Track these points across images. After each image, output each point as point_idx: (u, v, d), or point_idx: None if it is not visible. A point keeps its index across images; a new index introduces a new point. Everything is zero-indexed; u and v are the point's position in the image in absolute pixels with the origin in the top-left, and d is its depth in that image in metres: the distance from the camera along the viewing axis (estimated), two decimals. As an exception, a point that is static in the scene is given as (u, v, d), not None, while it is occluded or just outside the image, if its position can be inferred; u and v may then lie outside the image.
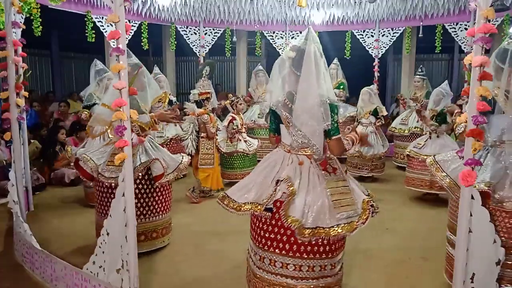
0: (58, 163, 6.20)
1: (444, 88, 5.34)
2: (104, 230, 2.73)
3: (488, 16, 2.19)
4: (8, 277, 3.33)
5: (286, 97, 2.45)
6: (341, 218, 2.33)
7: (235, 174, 6.05)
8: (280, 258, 2.41)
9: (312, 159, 2.46)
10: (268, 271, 2.45)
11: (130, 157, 2.54)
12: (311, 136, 2.38)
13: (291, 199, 2.34)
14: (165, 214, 3.76)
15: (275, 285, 2.44)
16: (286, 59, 2.46)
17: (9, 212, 4.07)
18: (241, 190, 2.54)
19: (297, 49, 2.42)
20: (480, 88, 2.22)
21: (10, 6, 3.68)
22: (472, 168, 2.30)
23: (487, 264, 2.37)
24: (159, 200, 3.68)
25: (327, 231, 2.30)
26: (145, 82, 3.61)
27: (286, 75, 2.47)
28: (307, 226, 2.30)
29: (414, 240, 4.07)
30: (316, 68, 2.38)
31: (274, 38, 9.04)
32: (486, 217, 2.35)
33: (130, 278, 2.58)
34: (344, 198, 2.40)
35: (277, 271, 2.42)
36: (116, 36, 2.44)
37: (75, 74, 13.74)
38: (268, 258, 2.44)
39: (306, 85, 2.36)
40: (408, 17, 8.29)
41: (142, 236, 3.55)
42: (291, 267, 2.39)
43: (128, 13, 7.47)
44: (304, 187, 2.39)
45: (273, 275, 2.43)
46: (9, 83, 3.67)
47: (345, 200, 2.39)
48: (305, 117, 2.37)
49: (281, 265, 2.41)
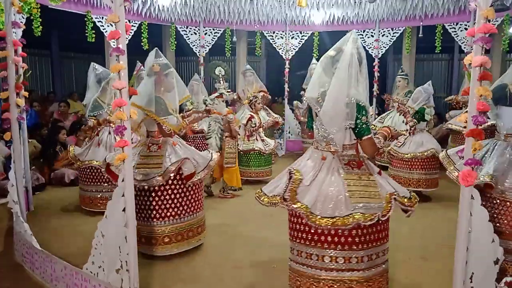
0: (58, 163, 6.20)
1: (424, 87, 5.49)
2: (98, 231, 2.72)
3: (488, 16, 2.19)
4: (8, 277, 3.33)
5: (320, 94, 2.54)
6: (356, 207, 2.38)
7: (250, 172, 6.20)
8: (323, 252, 2.47)
9: (335, 155, 2.54)
10: (315, 266, 2.51)
11: (130, 157, 2.54)
12: (332, 132, 2.47)
13: (296, 187, 2.46)
14: (199, 213, 3.77)
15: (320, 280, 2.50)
16: (327, 57, 2.56)
17: (9, 212, 4.07)
18: (271, 185, 2.69)
19: (337, 49, 2.54)
20: (480, 88, 2.22)
21: (10, 6, 3.68)
22: (472, 168, 2.30)
23: (486, 264, 2.37)
24: (192, 199, 3.67)
25: (343, 220, 2.36)
26: (173, 82, 3.62)
27: (323, 73, 2.56)
28: (324, 216, 2.38)
29: (414, 240, 4.06)
30: (350, 69, 2.45)
31: (274, 38, 9.03)
32: (485, 217, 2.35)
33: (130, 278, 2.58)
34: (365, 190, 2.45)
35: (324, 265, 2.48)
36: (116, 36, 2.44)
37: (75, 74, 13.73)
38: (315, 254, 2.50)
39: (337, 84, 2.46)
40: (408, 17, 8.29)
41: (179, 236, 3.58)
42: (327, 258, 2.46)
43: (128, 13, 7.47)
44: (321, 178, 2.49)
45: (320, 269, 2.50)
46: (9, 83, 3.67)
47: (366, 192, 2.44)
48: (330, 113, 2.47)
49: (330, 259, 2.46)
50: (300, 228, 2.53)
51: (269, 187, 2.68)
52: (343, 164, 2.53)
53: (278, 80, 11.54)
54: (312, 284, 2.52)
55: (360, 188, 2.45)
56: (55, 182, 6.10)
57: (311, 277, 2.52)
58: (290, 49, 8.97)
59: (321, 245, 2.46)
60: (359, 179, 2.49)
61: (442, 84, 13.14)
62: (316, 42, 8.84)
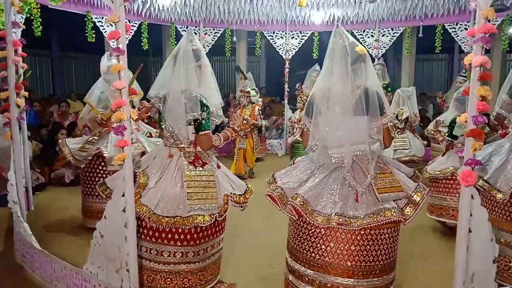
0: (58, 163, 6.20)
1: (402, 89, 5.81)
2: (97, 232, 2.72)
3: (488, 16, 2.18)
4: (8, 277, 3.33)
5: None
6: (193, 209, 2.54)
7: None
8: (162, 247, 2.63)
9: (182, 152, 2.69)
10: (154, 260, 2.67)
11: (130, 157, 2.54)
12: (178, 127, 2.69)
13: (141, 190, 2.61)
14: None
15: None
16: (171, 56, 2.80)
17: (9, 212, 4.07)
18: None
19: (176, 49, 2.79)
20: (480, 88, 2.22)
21: (10, 6, 3.68)
22: (472, 168, 2.30)
23: (486, 263, 2.37)
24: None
25: (183, 220, 2.52)
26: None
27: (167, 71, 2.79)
28: (166, 215, 2.53)
29: (414, 240, 4.07)
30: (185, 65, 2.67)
31: (274, 38, 9.03)
32: (485, 217, 2.35)
33: (130, 278, 2.57)
34: (203, 191, 2.60)
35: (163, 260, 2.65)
36: (116, 36, 2.43)
37: (75, 74, 13.75)
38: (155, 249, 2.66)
39: (175, 79, 2.70)
40: (408, 17, 8.29)
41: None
42: (166, 253, 2.62)
43: (128, 13, 7.47)
44: (167, 178, 2.65)
45: None
46: (9, 83, 3.66)
47: (204, 194, 2.60)
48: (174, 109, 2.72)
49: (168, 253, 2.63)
50: (141, 225, 2.64)
51: (113, 182, 2.74)
52: (188, 162, 2.65)
53: (278, 80, 11.54)
54: (150, 276, 2.67)
55: (199, 190, 2.59)
56: (55, 182, 6.10)
57: (148, 269, 2.66)
58: (290, 49, 8.97)
59: (161, 241, 2.61)
60: (200, 179, 2.62)
61: (442, 84, 13.16)
62: (316, 42, 8.85)
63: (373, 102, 2.41)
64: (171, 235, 2.59)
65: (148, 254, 2.65)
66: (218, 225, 2.73)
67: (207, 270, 2.75)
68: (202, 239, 2.65)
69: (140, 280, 2.66)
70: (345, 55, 2.42)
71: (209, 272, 2.77)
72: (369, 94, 2.42)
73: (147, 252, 2.65)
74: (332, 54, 2.48)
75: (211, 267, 2.78)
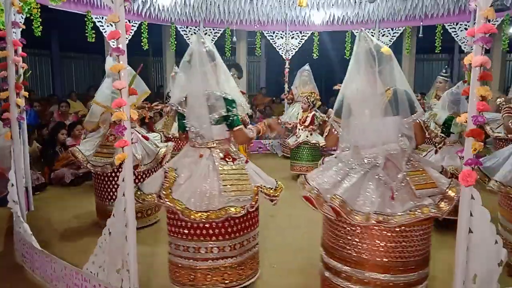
0: (58, 163, 6.20)
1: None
2: (106, 229, 2.72)
3: (488, 16, 2.18)
4: (8, 277, 3.33)
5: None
6: (230, 200, 2.60)
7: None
8: (199, 244, 2.69)
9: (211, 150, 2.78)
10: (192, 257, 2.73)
11: (130, 157, 2.54)
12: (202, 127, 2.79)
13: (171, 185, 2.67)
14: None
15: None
16: (184, 63, 2.84)
17: (9, 212, 4.07)
18: (149, 184, 2.86)
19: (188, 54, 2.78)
20: (480, 88, 2.22)
21: (10, 6, 3.68)
22: (472, 168, 2.30)
23: (489, 265, 2.35)
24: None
25: (216, 213, 2.56)
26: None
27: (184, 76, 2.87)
28: (198, 210, 2.56)
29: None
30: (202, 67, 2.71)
31: (274, 38, 9.03)
32: (486, 218, 2.34)
33: (130, 278, 2.58)
34: (237, 183, 2.67)
35: (201, 256, 2.70)
36: (116, 36, 2.43)
37: (75, 74, 13.75)
38: (192, 246, 2.72)
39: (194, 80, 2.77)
40: (408, 17, 8.29)
41: (138, 213, 3.72)
42: (203, 250, 2.67)
43: (128, 13, 7.47)
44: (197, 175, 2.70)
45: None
46: (9, 83, 3.67)
47: (239, 186, 2.66)
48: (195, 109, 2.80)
49: (205, 250, 2.69)
50: (177, 224, 2.70)
51: (147, 186, 2.77)
52: (219, 158, 2.73)
53: (278, 80, 11.55)
54: (190, 274, 2.71)
55: (234, 182, 2.67)
56: (55, 182, 6.10)
57: (188, 268, 2.71)
58: (290, 49, 8.97)
59: (197, 238, 2.66)
60: (233, 173, 2.70)
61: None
62: (316, 42, 8.84)
63: (403, 101, 2.46)
64: (206, 230, 2.64)
65: (186, 253, 2.70)
66: (251, 218, 2.80)
67: (246, 264, 2.80)
68: (237, 232, 2.71)
69: (181, 280, 2.75)
70: (371, 58, 2.46)
71: (248, 267, 2.82)
72: (398, 94, 2.46)
73: (185, 251, 2.71)
74: (358, 57, 2.50)
75: (249, 262, 2.83)
